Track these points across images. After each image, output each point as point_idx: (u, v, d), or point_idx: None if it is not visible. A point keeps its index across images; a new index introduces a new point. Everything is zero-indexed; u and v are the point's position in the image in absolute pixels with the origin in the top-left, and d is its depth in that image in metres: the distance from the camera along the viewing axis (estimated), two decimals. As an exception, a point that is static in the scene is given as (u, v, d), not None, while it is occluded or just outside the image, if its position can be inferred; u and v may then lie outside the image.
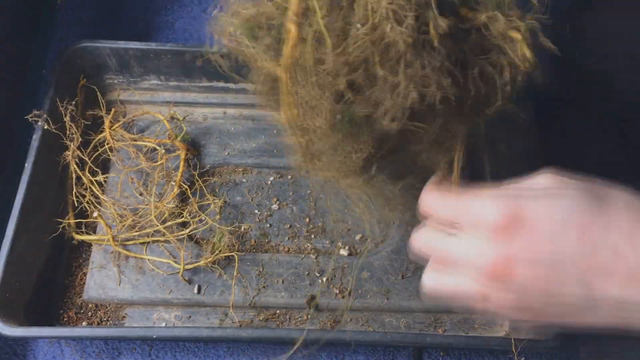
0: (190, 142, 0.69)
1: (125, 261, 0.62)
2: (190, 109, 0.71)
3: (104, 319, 0.60)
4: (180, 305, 0.61)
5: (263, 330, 0.57)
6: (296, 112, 0.42)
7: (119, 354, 0.61)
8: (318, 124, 0.42)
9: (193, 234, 0.62)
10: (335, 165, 0.46)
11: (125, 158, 0.67)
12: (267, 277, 0.62)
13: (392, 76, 0.38)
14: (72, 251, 0.63)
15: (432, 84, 0.38)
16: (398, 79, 0.38)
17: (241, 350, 0.61)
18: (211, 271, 0.62)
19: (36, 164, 0.60)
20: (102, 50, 0.67)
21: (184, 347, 0.61)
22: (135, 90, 0.71)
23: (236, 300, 0.60)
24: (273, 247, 0.64)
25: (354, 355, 0.61)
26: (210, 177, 0.67)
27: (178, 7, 0.83)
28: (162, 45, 0.67)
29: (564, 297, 0.36)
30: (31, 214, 0.59)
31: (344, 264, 0.63)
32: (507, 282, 0.37)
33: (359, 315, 0.61)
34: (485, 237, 0.37)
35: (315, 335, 0.55)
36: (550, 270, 0.36)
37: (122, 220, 0.62)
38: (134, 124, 0.70)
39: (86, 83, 0.68)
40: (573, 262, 0.36)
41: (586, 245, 0.35)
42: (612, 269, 0.35)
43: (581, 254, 0.36)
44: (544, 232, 0.36)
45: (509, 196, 0.38)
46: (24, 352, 0.61)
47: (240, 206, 0.66)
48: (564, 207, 0.37)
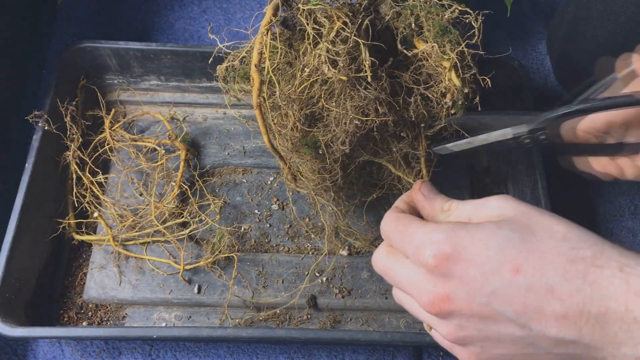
0: (190, 143, 0.69)
1: (125, 261, 0.62)
2: (190, 109, 0.71)
3: (104, 319, 0.60)
4: (180, 305, 0.61)
5: (263, 330, 0.57)
6: (267, 139, 0.51)
7: (119, 353, 0.61)
8: (287, 149, 0.52)
9: (193, 234, 0.62)
10: (313, 184, 0.54)
11: (125, 158, 0.67)
12: (267, 277, 0.62)
13: (335, 108, 0.46)
14: (72, 251, 0.63)
15: (371, 112, 0.46)
16: (340, 110, 0.46)
17: (241, 350, 0.61)
18: (211, 271, 0.62)
19: (36, 164, 0.60)
20: (102, 50, 0.67)
21: (184, 347, 0.61)
22: (135, 90, 0.71)
23: (236, 300, 0.60)
24: (273, 247, 0.64)
25: (354, 355, 0.61)
26: (210, 177, 0.67)
27: (178, 7, 0.83)
28: (162, 45, 0.67)
29: (503, 337, 0.36)
30: (31, 214, 0.59)
31: (344, 263, 0.63)
32: (446, 319, 0.38)
33: (359, 315, 0.61)
34: (424, 273, 0.38)
35: (315, 335, 0.55)
36: (485, 309, 0.36)
37: (122, 220, 0.62)
38: (134, 124, 0.70)
39: (86, 83, 0.69)
40: (508, 302, 0.35)
41: (520, 284, 0.35)
42: (546, 309, 0.34)
43: (515, 293, 0.35)
44: (478, 270, 0.36)
45: (449, 230, 0.38)
46: (24, 352, 0.61)
47: (240, 206, 0.66)
48: (500, 242, 0.37)
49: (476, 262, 0.36)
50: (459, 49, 0.47)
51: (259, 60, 0.47)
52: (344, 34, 0.45)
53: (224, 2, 0.83)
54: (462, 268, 0.37)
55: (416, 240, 0.38)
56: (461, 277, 0.37)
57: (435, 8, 0.50)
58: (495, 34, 0.82)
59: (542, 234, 0.36)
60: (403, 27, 0.50)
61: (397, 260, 0.41)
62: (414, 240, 0.39)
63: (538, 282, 0.35)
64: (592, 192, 0.71)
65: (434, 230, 0.38)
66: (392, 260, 0.41)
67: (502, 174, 0.68)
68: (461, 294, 0.37)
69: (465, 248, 0.37)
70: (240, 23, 0.82)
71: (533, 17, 0.83)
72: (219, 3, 0.83)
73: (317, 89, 0.46)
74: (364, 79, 0.45)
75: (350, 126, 0.47)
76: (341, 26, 0.45)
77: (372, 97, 0.45)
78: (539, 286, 0.35)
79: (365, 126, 0.47)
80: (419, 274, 0.39)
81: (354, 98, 0.46)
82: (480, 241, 0.37)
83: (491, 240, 0.37)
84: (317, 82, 0.46)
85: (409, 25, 0.50)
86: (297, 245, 0.64)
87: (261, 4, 0.83)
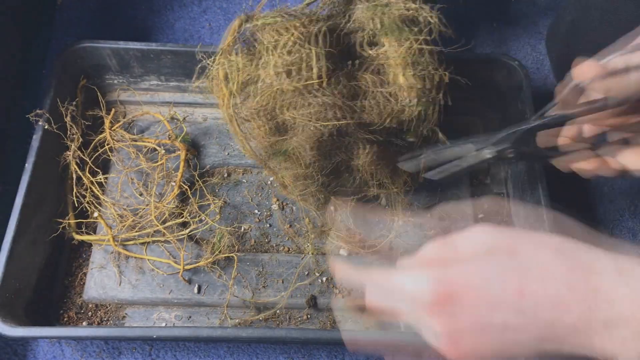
0: (190, 143, 0.69)
1: (125, 261, 0.62)
2: (190, 109, 0.71)
3: (104, 319, 0.60)
4: (180, 305, 0.61)
5: (263, 330, 0.57)
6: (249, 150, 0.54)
7: (119, 353, 0.61)
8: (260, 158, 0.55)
9: (193, 234, 0.62)
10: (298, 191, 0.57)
11: (125, 158, 0.67)
12: (267, 277, 0.62)
13: (296, 116, 0.48)
14: (72, 251, 0.63)
15: (329, 118, 0.47)
16: (300, 117, 0.48)
17: (241, 350, 0.61)
18: (211, 271, 0.62)
19: (36, 164, 0.60)
20: (102, 50, 0.67)
21: (184, 346, 0.61)
22: (135, 90, 0.71)
23: (236, 300, 0.60)
24: (273, 247, 0.64)
25: (354, 355, 0.61)
26: (210, 178, 0.67)
27: (178, 7, 0.83)
28: (162, 45, 0.66)
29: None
30: (31, 214, 0.59)
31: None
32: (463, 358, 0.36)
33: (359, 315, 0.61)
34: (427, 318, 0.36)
35: (315, 335, 0.55)
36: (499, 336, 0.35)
37: (122, 220, 0.62)
38: (134, 124, 0.70)
39: (86, 83, 0.69)
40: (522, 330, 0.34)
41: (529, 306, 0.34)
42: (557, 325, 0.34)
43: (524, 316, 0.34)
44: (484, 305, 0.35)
45: (439, 269, 0.36)
46: (24, 352, 0.61)
47: (240, 206, 0.66)
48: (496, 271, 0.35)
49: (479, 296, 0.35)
50: (407, 45, 0.47)
51: (224, 76, 0.50)
52: (297, 44, 0.46)
53: (224, 2, 0.83)
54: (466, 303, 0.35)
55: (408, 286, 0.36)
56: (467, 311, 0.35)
57: (390, 8, 0.50)
58: (495, 34, 0.82)
59: (535, 252, 0.36)
60: (370, 29, 0.50)
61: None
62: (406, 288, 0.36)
63: (544, 299, 0.34)
64: (592, 193, 0.71)
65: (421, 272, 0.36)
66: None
67: (502, 174, 0.68)
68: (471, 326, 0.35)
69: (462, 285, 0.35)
70: (240, 23, 0.82)
71: (533, 17, 0.83)
72: (219, 3, 0.83)
73: (278, 100, 0.48)
74: (319, 85, 0.47)
75: (311, 132, 0.48)
76: (295, 37, 0.46)
77: (329, 102, 0.47)
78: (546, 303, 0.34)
79: (326, 131, 0.48)
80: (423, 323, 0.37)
81: (311, 105, 0.47)
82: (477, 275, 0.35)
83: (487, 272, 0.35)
84: (277, 93, 0.48)
85: (375, 26, 0.50)
86: (297, 245, 0.64)
87: (261, 4, 0.83)
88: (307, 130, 0.48)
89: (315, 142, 0.49)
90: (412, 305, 0.36)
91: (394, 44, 0.48)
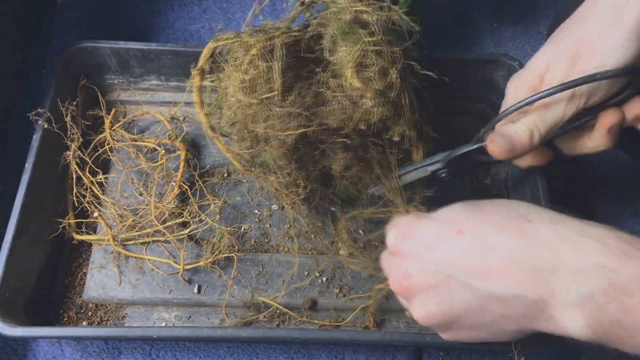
0: (190, 143, 0.69)
1: (125, 261, 0.62)
2: (190, 109, 0.71)
3: (104, 319, 0.60)
4: (180, 305, 0.61)
5: (263, 330, 0.57)
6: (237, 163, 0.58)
7: (119, 353, 0.61)
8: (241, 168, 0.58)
9: (193, 234, 0.62)
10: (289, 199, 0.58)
11: (125, 158, 0.67)
12: (267, 277, 0.62)
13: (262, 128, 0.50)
14: (72, 251, 0.63)
15: (291, 127, 0.49)
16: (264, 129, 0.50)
17: (241, 350, 0.61)
18: (211, 271, 0.62)
19: (36, 164, 0.60)
20: (102, 50, 0.67)
21: (184, 346, 0.61)
22: (135, 90, 0.71)
23: (236, 300, 0.60)
24: (273, 247, 0.64)
25: (354, 355, 0.61)
26: (210, 178, 0.67)
27: (178, 7, 0.83)
28: (162, 45, 0.66)
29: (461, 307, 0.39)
30: (31, 214, 0.59)
31: (344, 264, 0.63)
32: (411, 298, 0.41)
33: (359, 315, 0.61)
34: (389, 257, 0.44)
35: (315, 335, 0.55)
36: (438, 278, 0.39)
37: (122, 220, 0.62)
38: (134, 124, 0.70)
39: (86, 83, 0.69)
40: (454, 264, 0.38)
41: (464, 244, 0.38)
42: (486, 264, 0.37)
43: (459, 254, 0.38)
44: (428, 240, 0.40)
45: (410, 215, 0.44)
46: (24, 352, 0.61)
47: (240, 206, 0.66)
48: (448, 214, 0.41)
49: (426, 233, 0.40)
50: (353, 48, 0.48)
51: (199, 97, 0.56)
52: (254, 61, 0.49)
53: (224, 2, 0.83)
54: (415, 242, 0.41)
55: (388, 233, 0.44)
56: (414, 251, 0.40)
57: (341, 12, 0.50)
58: (495, 34, 0.82)
59: (486, 204, 0.41)
60: (329, 35, 0.51)
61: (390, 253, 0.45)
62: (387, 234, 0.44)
63: (478, 240, 0.38)
64: (592, 193, 0.71)
65: (396, 224, 0.44)
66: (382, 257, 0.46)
67: (501, 174, 0.68)
68: (416, 266, 0.40)
69: (419, 225, 0.41)
70: (240, 23, 0.82)
71: (533, 17, 0.83)
72: (219, 3, 0.83)
73: (244, 114, 0.50)
74: (279, 96, 0.49)
75: (276, 143, 0.50)
76: (253, 54, 0.49)
77: (285, 113, 0.49)
78: (479, 244, 0.38)
79: (289, 140, 0.50)
80: (387, 259, 0.44)
81: (272, 116, 0.49)
82: (433, 218, 0.42)
83: (441, 215, 0.42)
84: (241, 109, 0.50)
85: (330, 32, 0.51)
86: (297, 245, 0.64)
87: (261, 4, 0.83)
88: (274, 141, 0.50)
89: (283, 151, 0.51)
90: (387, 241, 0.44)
91: (343, 47, 0.48)
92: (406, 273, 0.41)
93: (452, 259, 0.38)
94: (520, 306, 0.36)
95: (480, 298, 0.37)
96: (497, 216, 0.38)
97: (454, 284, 0.38)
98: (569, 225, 0.36)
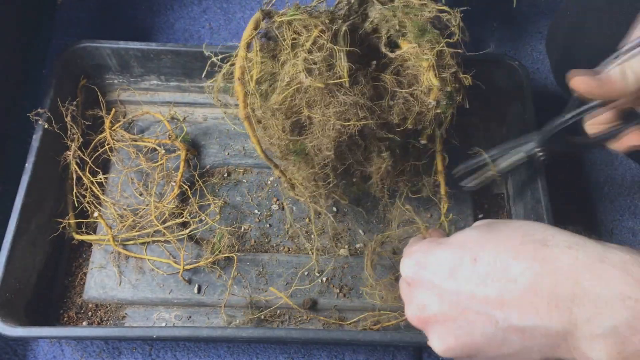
0: (191, 143, 0.69)
1: (125, 261, 0.62)
2: (190, 109, 0.71)
3: (104, 319, 0.60)
4: (180, 305, 0.61)
5: (263, 330, 0.57)
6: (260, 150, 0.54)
7: (119, 353, 0.61)
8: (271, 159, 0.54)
9: (193, 234, 0.62)
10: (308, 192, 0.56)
11: (125, 158, 0.67)
12: (267, 277, 0.62)
13: (317, 115, 0.47)
14: (72, 251, 0.63)
15: (351, 117, 0.46)
16: (322, 116, 0.47)
17: (241, 350, 0.61)
18: (211, 271, 0.62)
19: (36, 164, 0.60)
20: (102, 50, 0.67)
21: (184, 346, 0.61)
22: (135, 90, 0.71)
23: (236, 300, 0.60)
24: (273, 247, 0.64)
25: (354, 355, 0.61)
26: (210, 178, 0.67)
27: (178, 7, 0.83)
28: (162, 45, 0.66)
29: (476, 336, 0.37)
30: (31, 214, 0.59)
31: (344, 264, 0.63)
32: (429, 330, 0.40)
33: (359, 315, 0.61)
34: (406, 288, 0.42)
35: (315, 335, 0.55)
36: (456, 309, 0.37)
37: (122, 220, 0.62)
38: (134, 124, 0.70)
39: (86, 83, 0.68)
40: (472, 295, 0.37)
41: (480, 272, 0.37)
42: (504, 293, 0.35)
43: (476, 284, 0.37)
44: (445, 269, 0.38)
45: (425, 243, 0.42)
46: (24, 352, 0.61)
47: (240, 206, 0.66)
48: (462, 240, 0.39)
49: (442, 262, 0.39)
50: (438, 48, 0.48)
51: (241, 73, 0.49)
52: (320, 42, 0.46)
53: (224, 2, 0.83)
54: (430, 271, 0.39)
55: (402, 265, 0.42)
56: (430, 280, 0.39)
57: (415, 9, 0.50)
58: (495, 34, 0.82)
59: (501, 227, 0.39)
60: (387, 29, 0.50)
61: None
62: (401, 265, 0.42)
63: (494, 268, 0.36)
64: (592, 193, 0.71)
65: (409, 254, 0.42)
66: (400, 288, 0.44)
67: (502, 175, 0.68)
68: (432, 297, 0.38)
69: (434, 252, 0.40)
70: (240, 23, 0.82)
71: (533, 17, 0.83)
72: (219, 3, 0.83)
73: (298, 98, 0.48)
74: (343, 84, 0.46)
75: (332, 132, 0.48)
76: (318, 35, 0.46)
77: (351, 102, 0.46)
78: (496, 272, 0.36)
79: (347, 131, 0.48)
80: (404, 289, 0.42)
81: (333, 104, 0.47)
82: (448, 243, 0.40)
83: (456, 240, 0.40)
84: (298, 91, 0.47)
85: (393, 27, 0.50)
86: (297, 245, 0.64)
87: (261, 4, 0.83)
88: (327, 129, 0.48)
89: (336, 142, 0.49)
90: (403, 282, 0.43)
91: (416, 45, 0.48)
92: (422, 304, 0.39)
93: (470, 288, 0.37)
94: (542, 337, 0.35)
95: (501, 329, 0.36)
96: (513, 241, 0.37)
97: (473, 315, 0.37)
98: (587, 250, 0.34)
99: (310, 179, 0.55)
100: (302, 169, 0.54)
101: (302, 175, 0.55)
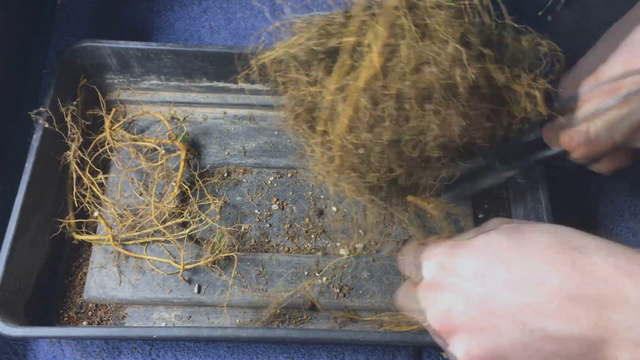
0: (191, 142, 0.69)
1: (125, 261, 0.62)
2: (191, 109, 0.71)
3: (104, 319, 0.60)
4: (180, 305, 0.61)
5: (263, 330, 0.57)
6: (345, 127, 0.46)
7: (119, 353, 0.61)
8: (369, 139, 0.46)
9: (193, 234, 0.62)
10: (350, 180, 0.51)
11: (125, 158, 0.67)
12: (267, 277, 0.62)
13: (421, 111, 0.43)
14: (72, 251, 0.63)
15: (452, 124, 0.43)
16: (425, 113, 0.43)
17: (241, 350, 0.61)
18: (211, 271, 0.62)
19: (36, 164, 0.60)
20: (102, 50, 0.67)
21: (184, 346, 0.61)
22: (135, 90, 0.71)
23: (236, 300, 0.60)
24: (273, 247, 0.64)
25: (354, 355, 0.61)
26: (210, 177, 0.67)
27: (178, 7, 0.83)
28: (162, 45, 0.66)
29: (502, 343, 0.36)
30: (31, 214, 0.59)
31: (344, 264, 0.63)
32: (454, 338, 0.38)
33: (359, 315, 0.61)
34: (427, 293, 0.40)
35: (315, 335, 0.55)
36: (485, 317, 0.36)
37: (122, 220, 0.62)
38: (134, 124, 0.70)
39: (86, 83, 0.68)
40: (504, 305, 0.36)
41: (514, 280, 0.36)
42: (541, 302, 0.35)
43: (509, 293, 0.36)
44: (472, 275, 0.37)
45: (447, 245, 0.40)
46: (24, 352, 0.61)
47: (240, 206, 0.66)
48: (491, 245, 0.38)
49: (469, 265, 0.38)
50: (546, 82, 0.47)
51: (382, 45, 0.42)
52: (471, 39, 0.42)
53: (224, 2, 0.83)
54: (456, 275, 0.38)
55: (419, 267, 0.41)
56: (457, 285, 0.38)
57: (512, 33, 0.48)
58: (495, 34, 0.82)
59: (531, 234, 0.38)
60: None
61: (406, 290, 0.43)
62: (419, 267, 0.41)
63: (528, 274, 0.35)
64: (592, 193, 0.71)
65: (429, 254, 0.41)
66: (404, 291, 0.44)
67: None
68: (459, 302, 0.37)
69: (459, 255, 0.38)
70: (240, 23, 0.82)
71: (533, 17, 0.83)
72: (219, 3, 0.83)
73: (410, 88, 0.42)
74: (456, 88, 0.43)
75: (453, 129, 0.44)
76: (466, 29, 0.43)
77: (460, 109, 0.43)
78: (530, 278, 0.35)
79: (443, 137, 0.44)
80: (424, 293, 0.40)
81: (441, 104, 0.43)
82: (472, 246, 0.39)
83: (481, 244, 0.38)
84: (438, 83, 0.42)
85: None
86: (297, 245, 0.64)
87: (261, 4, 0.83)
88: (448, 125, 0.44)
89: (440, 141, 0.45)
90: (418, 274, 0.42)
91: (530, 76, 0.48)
92: (447, 309, 0.38)
93: (502, 295, 0.36)
94: (575, 345, 0.34)
95: (529, 336, 0.35)
96: (547, 249, 0.36)
97: (501, 322, 0.36)
98: (627, 256, 0.34)
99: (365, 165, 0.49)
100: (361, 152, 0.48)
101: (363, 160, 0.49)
